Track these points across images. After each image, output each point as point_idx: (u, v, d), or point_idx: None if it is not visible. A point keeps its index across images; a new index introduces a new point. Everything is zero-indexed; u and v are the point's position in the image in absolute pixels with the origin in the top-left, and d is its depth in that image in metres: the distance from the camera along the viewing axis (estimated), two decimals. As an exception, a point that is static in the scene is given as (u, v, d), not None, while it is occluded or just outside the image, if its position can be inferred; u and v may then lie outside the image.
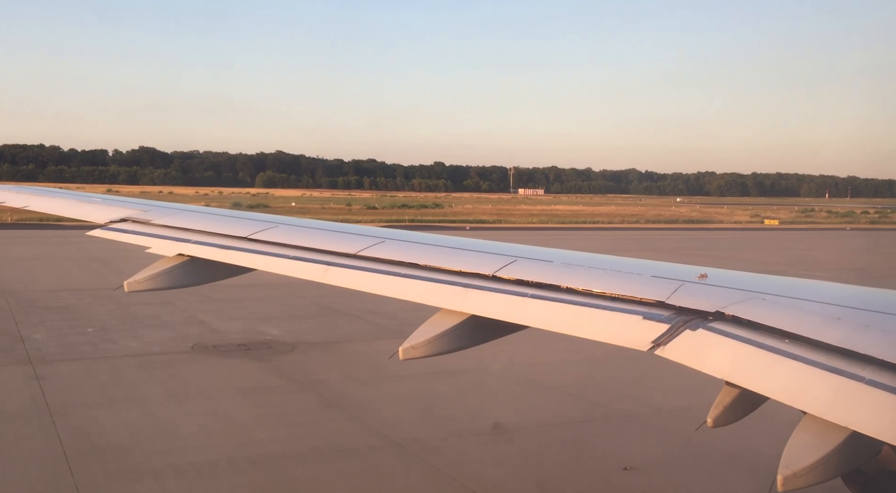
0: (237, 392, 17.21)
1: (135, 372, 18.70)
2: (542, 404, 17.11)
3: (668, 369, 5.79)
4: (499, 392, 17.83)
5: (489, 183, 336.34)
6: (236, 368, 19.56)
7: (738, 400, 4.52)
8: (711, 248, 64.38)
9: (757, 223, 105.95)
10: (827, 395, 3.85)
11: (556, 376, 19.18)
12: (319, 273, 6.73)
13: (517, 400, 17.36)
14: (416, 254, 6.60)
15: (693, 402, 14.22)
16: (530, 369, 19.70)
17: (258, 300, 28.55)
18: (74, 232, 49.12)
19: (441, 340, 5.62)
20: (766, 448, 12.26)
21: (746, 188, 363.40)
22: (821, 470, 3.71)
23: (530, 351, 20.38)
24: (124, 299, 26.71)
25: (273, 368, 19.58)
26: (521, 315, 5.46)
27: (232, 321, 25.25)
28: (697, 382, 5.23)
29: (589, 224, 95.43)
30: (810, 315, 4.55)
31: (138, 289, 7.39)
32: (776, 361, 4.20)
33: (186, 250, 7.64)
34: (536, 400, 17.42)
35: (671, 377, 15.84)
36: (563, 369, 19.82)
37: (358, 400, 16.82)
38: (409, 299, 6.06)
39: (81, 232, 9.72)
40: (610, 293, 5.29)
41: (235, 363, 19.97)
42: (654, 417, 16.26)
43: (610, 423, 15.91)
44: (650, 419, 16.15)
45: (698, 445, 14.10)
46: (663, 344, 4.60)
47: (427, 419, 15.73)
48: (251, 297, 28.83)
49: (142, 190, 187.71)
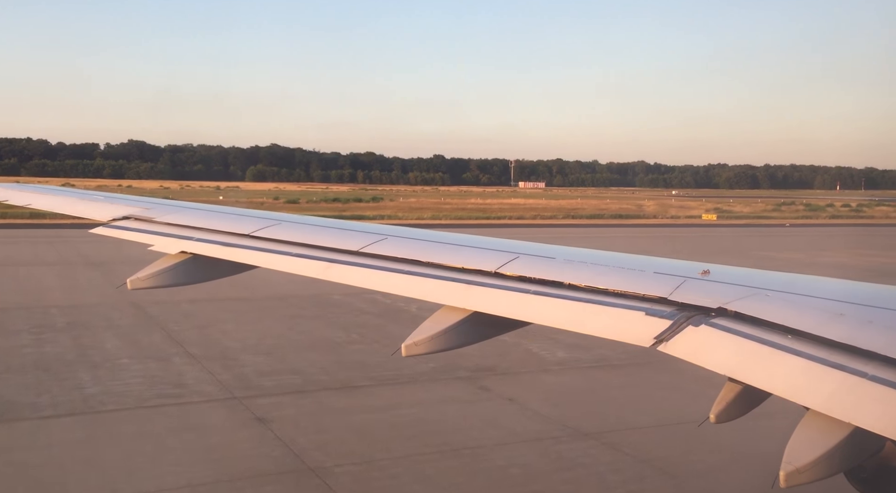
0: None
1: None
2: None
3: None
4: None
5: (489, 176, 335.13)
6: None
7: (740, 396, 4.55)
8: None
9: (694, 219, 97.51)
10: (830, 391, 3.87)
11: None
12: (322, 270, 6.77)
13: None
14: (418, 251, 6.63)
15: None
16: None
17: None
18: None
19: (444, 336, 5.66)
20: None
21: (757, 181, 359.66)
22: (823, 466, 3.73)
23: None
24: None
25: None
26: (524, 311, 5.49)
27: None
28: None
29: (515, 219, 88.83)
30: (813, 311, 4.58)
31: (141, 287, 7.44)
32: (779, 357, 4.23)
33: (189, 248, 7.68)
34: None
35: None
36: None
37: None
38: (411, 295, 6.10)
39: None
40: (612, 289, 5.32)
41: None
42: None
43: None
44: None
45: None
46: (666, 340, 4.64)
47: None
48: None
49: (128, 184, 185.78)
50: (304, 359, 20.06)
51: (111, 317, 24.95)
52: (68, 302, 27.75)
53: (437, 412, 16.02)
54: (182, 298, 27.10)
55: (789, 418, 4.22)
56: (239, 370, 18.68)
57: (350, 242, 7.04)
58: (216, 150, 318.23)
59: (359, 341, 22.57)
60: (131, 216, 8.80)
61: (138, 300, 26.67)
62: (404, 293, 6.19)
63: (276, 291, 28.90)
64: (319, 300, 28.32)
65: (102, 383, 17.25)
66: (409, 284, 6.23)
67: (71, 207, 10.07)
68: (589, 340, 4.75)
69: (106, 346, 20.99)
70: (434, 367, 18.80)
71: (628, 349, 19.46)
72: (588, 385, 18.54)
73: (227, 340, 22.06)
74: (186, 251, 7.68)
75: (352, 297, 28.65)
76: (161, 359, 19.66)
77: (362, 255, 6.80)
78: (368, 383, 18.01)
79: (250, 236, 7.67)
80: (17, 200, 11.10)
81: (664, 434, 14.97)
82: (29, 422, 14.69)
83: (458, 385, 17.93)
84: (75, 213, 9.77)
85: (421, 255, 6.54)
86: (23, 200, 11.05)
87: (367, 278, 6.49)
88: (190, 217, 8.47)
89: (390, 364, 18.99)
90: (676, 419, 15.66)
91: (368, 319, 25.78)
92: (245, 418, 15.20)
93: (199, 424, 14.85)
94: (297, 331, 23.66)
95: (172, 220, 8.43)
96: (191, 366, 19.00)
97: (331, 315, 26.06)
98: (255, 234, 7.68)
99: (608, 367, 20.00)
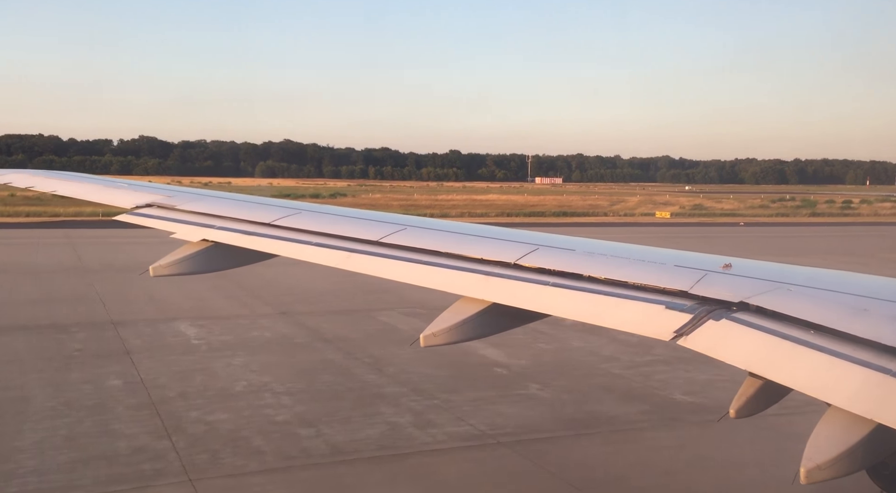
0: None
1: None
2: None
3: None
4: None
5: (505, 172, 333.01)
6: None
7: (761, 391, 4.54)
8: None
9: (646, 218, 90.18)
10: (853, 387, 3.86)
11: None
12: (342, 260, 6.82)
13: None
14: (437, 241, 6.66)
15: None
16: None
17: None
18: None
19: (462, 327, 5.69)
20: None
21: (784, 176, 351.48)
22: (845, 463, 3.72)
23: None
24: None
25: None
26: (543, 303, 5.50)
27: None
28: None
29: (475, 217, 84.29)
30: (837, 306, 4.55)
31: (163, 274, 7.53)
32: (801, 352, 4.21)
33: (210, 236, 7.76)
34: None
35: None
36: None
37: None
38: (430, 286, 6.13)
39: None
40: (632, 282, 5.31)
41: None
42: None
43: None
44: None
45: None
46: (686, 334, 4.63)
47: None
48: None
49: (134, 180, 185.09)
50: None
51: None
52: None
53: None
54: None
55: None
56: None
57: (369, 232, 7.09)
58: (228, 145, 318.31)
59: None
60: (154, 204, 8.91)
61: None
62: (423, 284, 6.23)
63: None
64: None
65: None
66: (428, 274, 6.27)
67: (95, 195, 10.22)
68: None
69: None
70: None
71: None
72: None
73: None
74: (208, 239, 7.76)
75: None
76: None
77: (381, 245, 6.84)
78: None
79: (271, 225, 7.74)
80: (43, 187, 11.27)
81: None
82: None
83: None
84: (99, 200, 9.91)
85: (440, 245, 6.58)
86: (48, 186, 11.22)
87: (386, 268, 6.53)
88: (211, 205, 8.57)
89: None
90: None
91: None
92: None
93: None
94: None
95: (194, 208, 8.53)
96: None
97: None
98: (275, 223, 7.75)
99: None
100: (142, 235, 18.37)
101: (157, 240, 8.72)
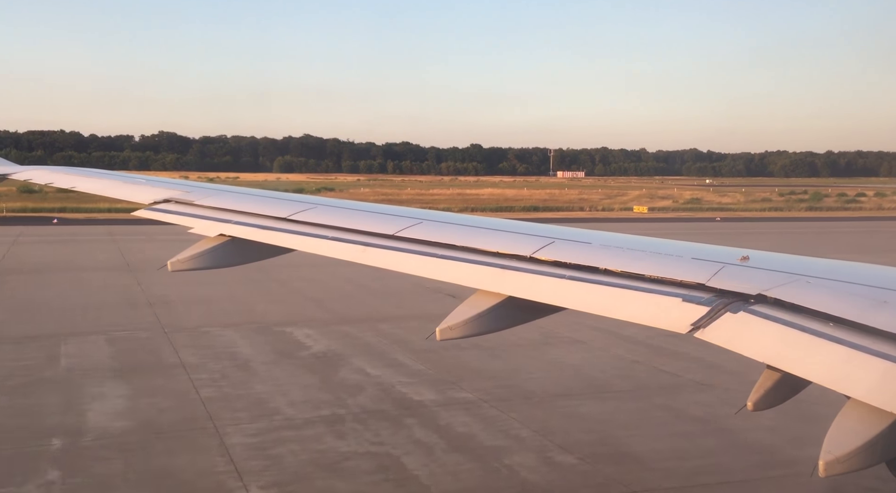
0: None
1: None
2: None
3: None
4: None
5: (527, 166, 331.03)
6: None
7: (779, 384, 4.52)
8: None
9: (625, 213, 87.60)
10: (872, 380, 3.83)
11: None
12: (358, 254, 6.86)
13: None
14: (453, 235, 6.68)
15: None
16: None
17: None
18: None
19: (478, 321, 5.71)
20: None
21: (816, 168, 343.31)
22: (864, 456, 3.70)
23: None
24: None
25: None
26: (560, 297, 5.50)
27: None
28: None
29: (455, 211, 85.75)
30: (856, 298, 4.51)
31: (181, 268, 7.61)
32: (820, 344, 4.18)
33: (227, 231, 7.84)
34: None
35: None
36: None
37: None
38: (446, 279, 6.15)
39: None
40: (649, 275, 5.29)
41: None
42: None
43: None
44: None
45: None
46: (703, 327, 4.61)
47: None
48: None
49: (151, 176, 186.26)
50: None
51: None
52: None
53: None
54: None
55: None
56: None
57: (385, 226, 7.11)
58: (247, 141, 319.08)
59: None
60: (172, 199, 9.00)
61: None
62: (439, 277, 6.25)
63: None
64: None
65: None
66: (444, 268, 6.29)
67: (114, 191, 10.35)
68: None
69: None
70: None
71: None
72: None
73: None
74: (225, 234, 7.83)
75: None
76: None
77: (398, 239, 6.87)
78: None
79: (287, 220, 7.79)
80: (63, 183, 11.42)
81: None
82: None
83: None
84: (118, 195, 10.04)
85: (456, 239, 6.60)
86: (68, 182, 11.36)
87: (402, 261, 6.57)
88: (228, 200, 8.64)
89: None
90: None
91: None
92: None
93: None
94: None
95: (211, 203, 8.61)
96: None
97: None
98: (291, 217, 7.80)
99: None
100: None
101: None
